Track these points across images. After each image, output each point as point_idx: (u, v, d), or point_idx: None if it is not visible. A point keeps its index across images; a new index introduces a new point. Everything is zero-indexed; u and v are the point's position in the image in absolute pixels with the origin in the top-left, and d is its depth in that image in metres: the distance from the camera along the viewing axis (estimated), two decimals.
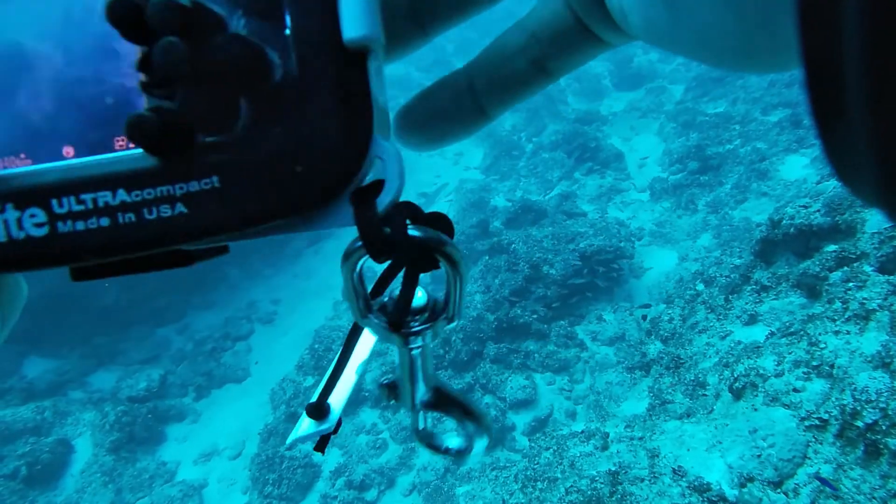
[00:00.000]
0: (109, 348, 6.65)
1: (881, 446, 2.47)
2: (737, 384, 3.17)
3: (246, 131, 0.24)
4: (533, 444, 3.86)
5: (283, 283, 7.29)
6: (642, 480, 2.94)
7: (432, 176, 8.39)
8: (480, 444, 0.32)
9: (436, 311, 0.30)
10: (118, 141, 0.25)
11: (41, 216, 0.24)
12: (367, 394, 5.23)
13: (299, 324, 6.63)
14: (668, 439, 3.14)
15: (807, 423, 2.76)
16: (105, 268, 0.27)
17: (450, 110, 0.34)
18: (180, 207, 0.24)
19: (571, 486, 3.07)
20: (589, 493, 2.98)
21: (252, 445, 5.31)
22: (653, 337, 4.54)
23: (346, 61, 0.23)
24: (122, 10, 0.21)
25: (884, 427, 2.47)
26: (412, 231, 0.26)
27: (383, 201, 0.25)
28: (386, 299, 0.30)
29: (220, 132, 0.24)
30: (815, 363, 2.94)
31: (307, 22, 0.23)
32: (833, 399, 2.74)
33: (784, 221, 3.90)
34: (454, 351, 5.02)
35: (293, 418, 5.30)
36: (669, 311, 4.54)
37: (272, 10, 0.24)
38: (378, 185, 0.25)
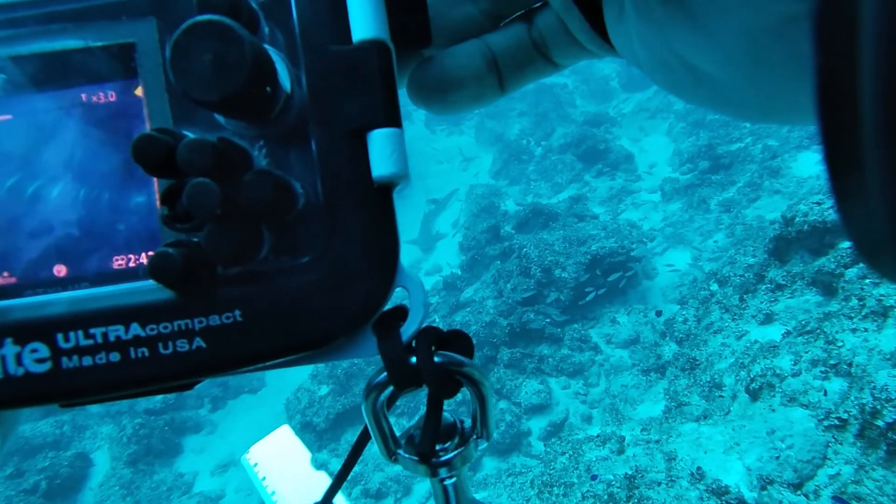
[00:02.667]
0: None
1: None
2: (753, 385, 3.12)
3: (269, 262, 0.23)
4: (549, 449, 3.83)
5: None
6: (659, 484, 2.90)
7: (442, 182, 8.40)
8: None
9: (464, 435, 0.29)
10: (117, 260, 0.24)
11: (44, 351, 0.22)
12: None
13: None
14: (684, 442, 3.10)
15: (826, 423, 2.72)
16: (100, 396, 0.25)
17: (472, 86, 0.33)
18: (199, 342, 0.23)
19: (588, 490, 3.05)
20: (605, 497, 2.95)
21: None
22: (667, 338, 4.50)
23: (374, 195, 0.23)
24: (150, 149, 0.21)
25: None
26: (436, 358, 0.26)
27: (408, 331, 0.25)
28: (412, 431, 0.29)
29: (242, 263, 0.23)
30: (832, 362, 2.89)
31: (336, 157, 0.23)
32: (852, 398, 2.69)
33: (798, 219, 3.85)
34: None
35: (308, 427, 5.31)
36: (684, 312, 4.50)
37: (296, 137, 0.23)
38: (401, 313, 0.25)
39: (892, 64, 0.11)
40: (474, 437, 0.29)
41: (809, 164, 5.87)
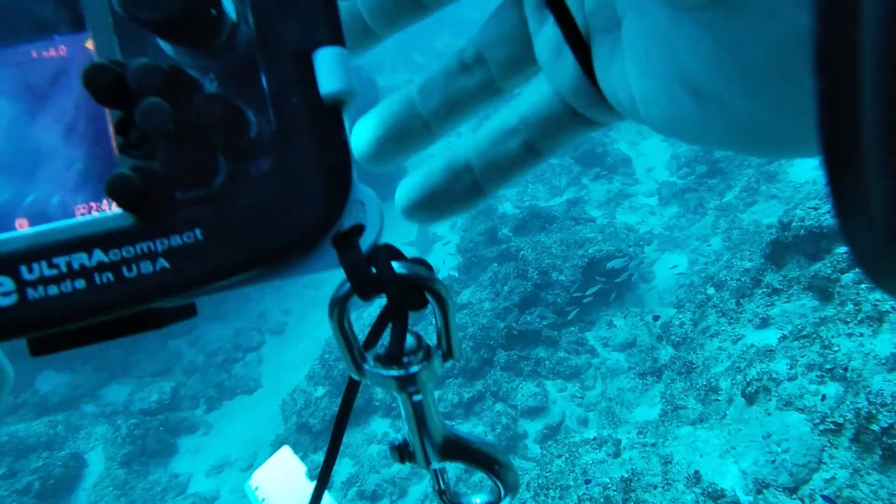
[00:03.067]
0: (122, 361, 6.69)
1: None
2: (749, 388, 3.13)
3: (226, 186, 0.24)
4: (545, 452, 3.83)
5: (293, 292, 7.31)
6: (655, 487, 2.91)
7: None
8: (512, 490, 0.32)
9: (430, 352, 0.30)
10: (79, 209, 0.24)
11: (8, 285, 0.23)
12: (377, 403, 5.22)
13: (310, 334, 6.64)
14: (681, 445, 3.11)
15: (821, 427, 2.73)
16: (67, 338, 0.26)
17: (449, 190, 0.35)
18: (162, 262, 0.24)
19: (584, 493, 3.05)
20: (602, 500, 2.95)
21: (263, 456, 5.30)
22: (664, 342, 4.51)
23: (323, 112, 0.24)
24: (100, 75, 0.21)
25: None
26: (398, 269, 0.27)
27: (366, 242, 0.26)
28: (379, 351, 0.30)
29: (199, 187, 0.24)
30: (828, 366, 2.90)
31: (283, 80, 0.24)
32: (848, 402, 2.70)
33: (794, 223, 3.86)
34: (464, 359, 5.00)
35: (304, 429, 5.30)
36: (680, 316, 4.51)
37: (245, 72, 0.24)
38: (359, 229, 0.26)
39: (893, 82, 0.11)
40: (439, 352, 0.30)
41: (806, 170, 5.89)
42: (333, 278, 0.25)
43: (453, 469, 4.16)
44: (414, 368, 0.29)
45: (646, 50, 0.26)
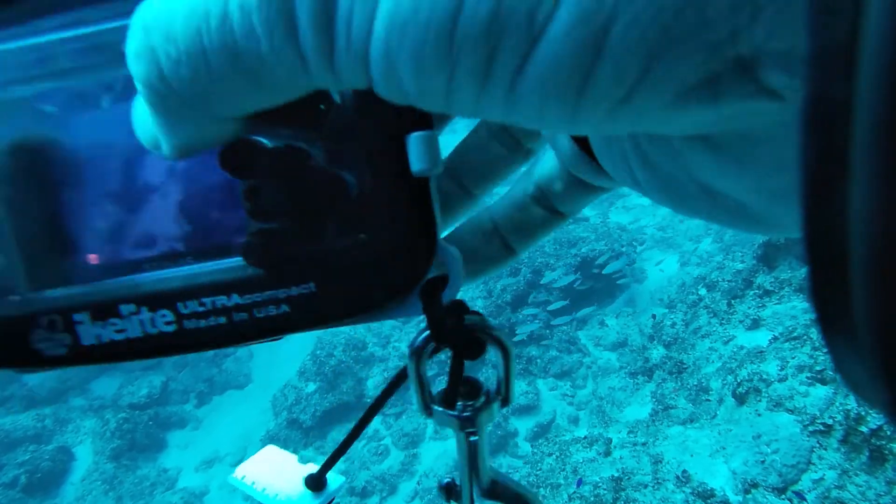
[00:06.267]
0: None
1: (886, 452, 2.46)
2: (740, 389, 3.15)
3: (334, 242, 0.29)
4: (535, 450, 3.84)
5: None
6: (646, 486, 2.92)
7: None
8: None
9: (489, 397, 0.34)
10: (218, 239, 0.31)
11: (169, 316, 0.30)
12: (368, 400, 5.21)
13: None
14: (671, 445, 3.12)
15: (811, 428, 2.75)
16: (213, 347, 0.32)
17: (482, 252, 0.37)
18: (284, 307, 0.29)
19: (574, 492, 3.06)
20: (592, 499, 2.96)
21: (254, 452, 5.29)
22: (655, 342, 4.52)
23: (413, 185, 0.28)
24: (231, 155, 0.26)
25: (888, 432, 2.45)
26: (468, 322, 0.31)
27: (448, 296, 0.30)
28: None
29: (312, 243, 0.29)
30: (818, 368, 2.92)
31: (382, 158, 0.28)
32: (837, 404, 2.72)
33: None
34: None
35: (294, 424, 5.29)
36: (672, 316, 4.52)
37: (347, 142, 0.29)
38: (443, 280, 0.30)
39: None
40: (498, 398, 0.34)
41: None
42: None
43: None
44: (471, 412, 0.34)
45: (650, 144, 0.25)
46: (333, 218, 0.29)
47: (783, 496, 2.64)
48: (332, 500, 0.41)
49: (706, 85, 0.16)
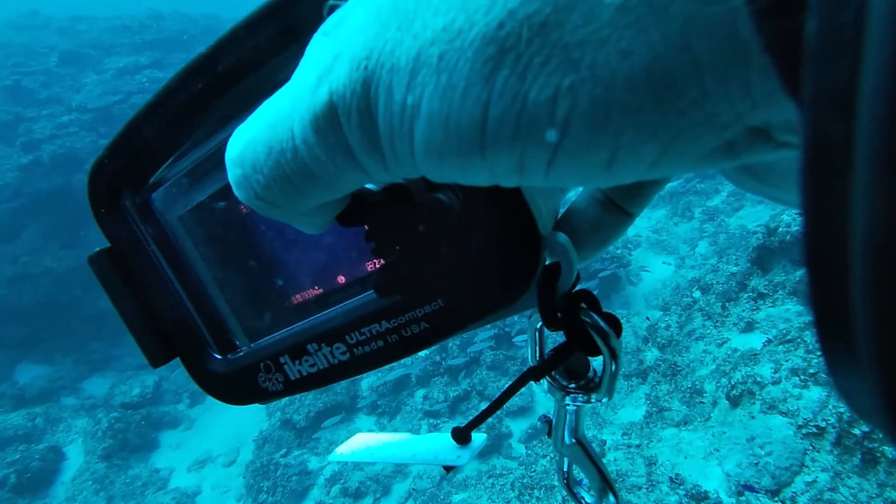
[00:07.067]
0: (103, 354, 6.61)
1: (878, 454, 2.47)
2: (734, 392, 3.16)
3: (449, 259, 0.32)
4: (529, 452, 3.84)
5: None
6: (640, 488, 2.92)
7: None
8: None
9: (590, 386, 0.37)
10: (368, 265, 0.37)
11: (343, 347, 0.37)
12: (362, 402, 5.20)
13: None
14: (665, 447, 3.13)
15: (804, 430, 2.76)
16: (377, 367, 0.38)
17: (604, 221, 0.38)
18: (424, 324, 0.34)
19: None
20: None
21: (247, 452, 5.27)
22: (650, 344, 4.53)
23: (505, 199, 0.30)
24: (347, 218, 0.29)
25: (881, 435, 2.46)
26: (584, 316, 0.33)
27: (566, 281, 0.32)
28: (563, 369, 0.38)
29: (429, 266, 0.33)
30: (812, 370, 2.94)
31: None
32: (830, 407, 2.73)
33: (780, 229, 3.90)
34: (451, 357, 5.00)
35: (288, 425, 5.27)
36: (666, 319, 4.53)
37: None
38: (554, 269, 0.32)
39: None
40: (598, 393, 0.37)
41: None
42: None
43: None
44: (572, 390, 0.37)
45: None
46: (441, 236, 0.32)
47: (776, 498, 2.65)
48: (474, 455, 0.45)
49: (726, 148, 0.18)
